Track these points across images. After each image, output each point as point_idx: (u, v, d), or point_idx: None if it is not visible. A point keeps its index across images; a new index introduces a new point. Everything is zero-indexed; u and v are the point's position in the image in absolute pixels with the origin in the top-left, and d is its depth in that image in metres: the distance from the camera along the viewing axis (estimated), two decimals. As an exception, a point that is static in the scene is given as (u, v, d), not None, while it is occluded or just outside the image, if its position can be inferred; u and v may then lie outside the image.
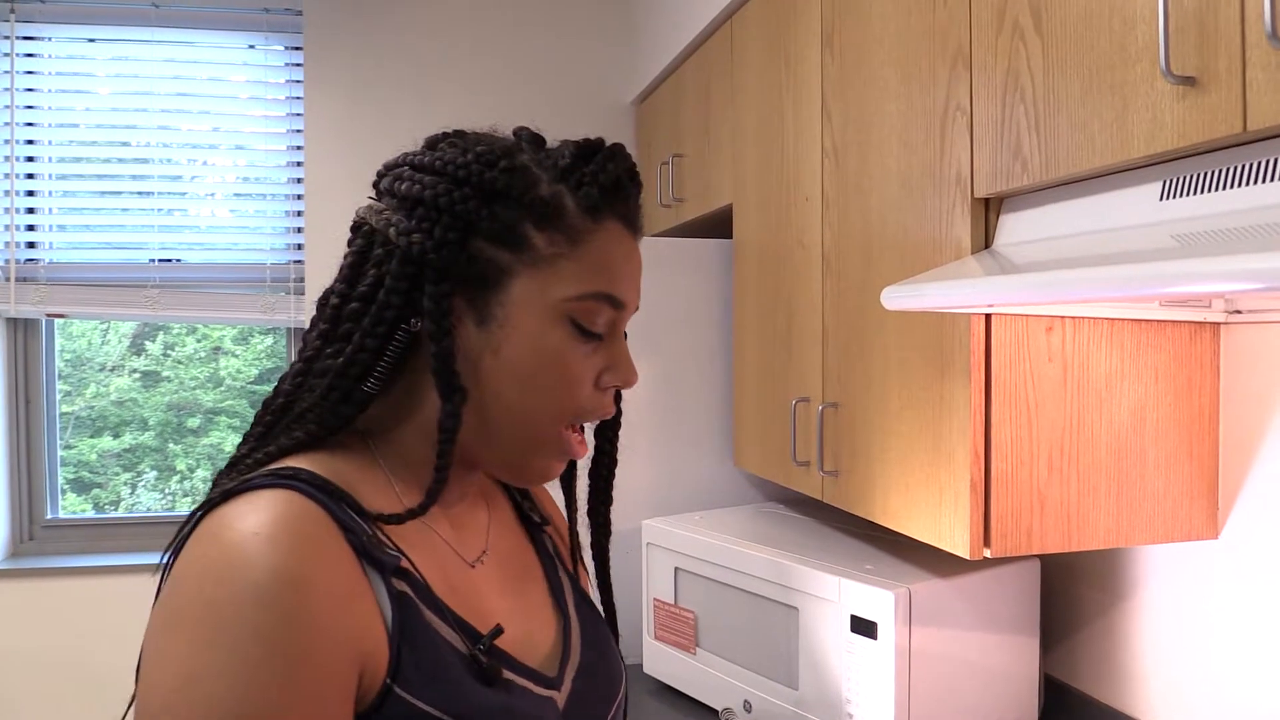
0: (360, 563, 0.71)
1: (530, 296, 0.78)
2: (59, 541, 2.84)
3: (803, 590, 1.60)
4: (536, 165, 0.80)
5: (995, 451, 1.27)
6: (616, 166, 0.81)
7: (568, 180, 0.80)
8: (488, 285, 0.78)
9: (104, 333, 3.05)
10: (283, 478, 0.72)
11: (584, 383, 0.81)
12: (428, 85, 2.92)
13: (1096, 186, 1.11)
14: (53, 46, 2.80)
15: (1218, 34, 0.88)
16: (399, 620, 0.72)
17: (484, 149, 0.79)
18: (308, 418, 0.78)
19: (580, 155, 0.81)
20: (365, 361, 0.77)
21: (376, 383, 0.78)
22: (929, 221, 1.38)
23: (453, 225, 0.77)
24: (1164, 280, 0.83)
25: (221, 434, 3.07)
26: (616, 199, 0.82)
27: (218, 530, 0.68)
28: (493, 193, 0.78)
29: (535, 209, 0.79)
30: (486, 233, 0.78)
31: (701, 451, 2.27)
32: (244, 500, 0.70)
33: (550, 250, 0.79)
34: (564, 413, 0.81)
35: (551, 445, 0.82)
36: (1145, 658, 1.51)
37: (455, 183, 0.78)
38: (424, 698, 0.71)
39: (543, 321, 0.79)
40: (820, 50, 1.72)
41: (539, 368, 0.79)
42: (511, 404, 0.79)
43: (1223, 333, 1.36)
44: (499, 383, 0.79)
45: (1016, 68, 1.18)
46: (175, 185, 2.87)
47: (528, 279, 0.78)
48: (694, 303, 2.26)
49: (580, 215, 0.80)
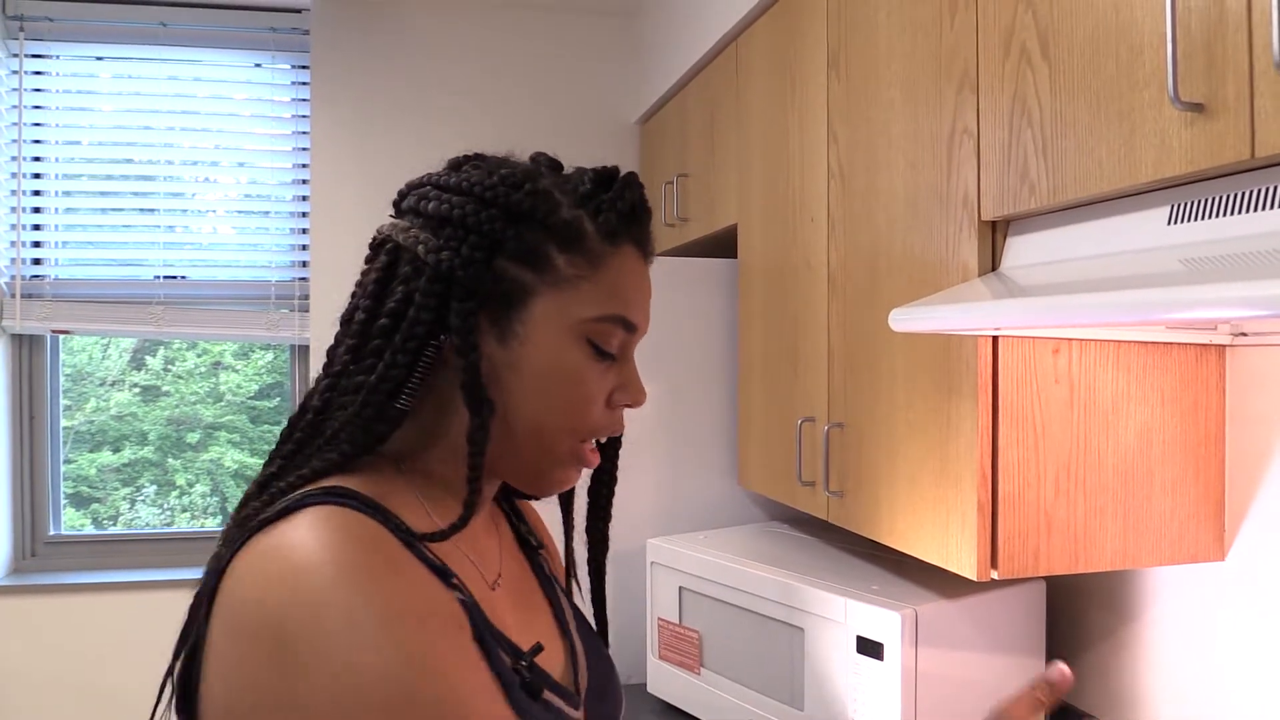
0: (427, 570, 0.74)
1: (551, 316, 0.80)
2: (61, 558, 2.83)
3: (808, 611, 1.59)
4: (558, 190, 0.83)
5: (1002, 473, 1.27)
6: (632, 194, 0.84)
7: (587, 205, 0.83)
8: (510, 304, 0.80)
9: (104, 347, 3.05)
10: (333, 495, 0.73)
11: (597, 401, 0.84)
12: (433, 105, 2.93)
13: (1104, 210, 1.12)
14: (60, 64, 2.82)
15: (1225, 61, 0.89)
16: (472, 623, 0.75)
17: (508, 172, 0.81)
18: (341, 437, 0.78)
19: (600, 182, 0.84)
20: (398, 378, 0.78)
21: (408, 399, 0.80)
22: (936, 243, 1.38)
23: (480, 244, 0.79)
24: (1171, 306, 0.83)
25: (221, 449, 3.07)
26: (633, 225, 0.84)
27: (284, 549, 0.68)
28: (518, 214, 0.80)
29: (558, 231, 0.81)
30: (511, 252, 0.80)
31: (706, 471, 2.27)
32: (302, 517, 0.70)
33: (571, 272, 0.81)
34: (579, 429, 0.84)
35: (566, 458, 0.85)
36: (1151, 679, 1.51)
37: (482, 203, 0.80)
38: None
39: (562, 341, 0.81)
40: (826, 71, 1.73)
41: (557, 385, 0.81)
42: (530, 419, 0.81)
43: (1228, 355, 1.37)
44: (519, 398, 0.81)
45: (1024, 92, 1.19)
46: (181, 202, 2.88)
47: (549, 299, 0.81)
48: (698, 322, 2.26)
49: (599, 240, 0.82)
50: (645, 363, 2.32)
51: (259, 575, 0.68)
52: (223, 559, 0.71)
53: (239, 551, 0.70)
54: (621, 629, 2.20)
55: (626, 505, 2.28)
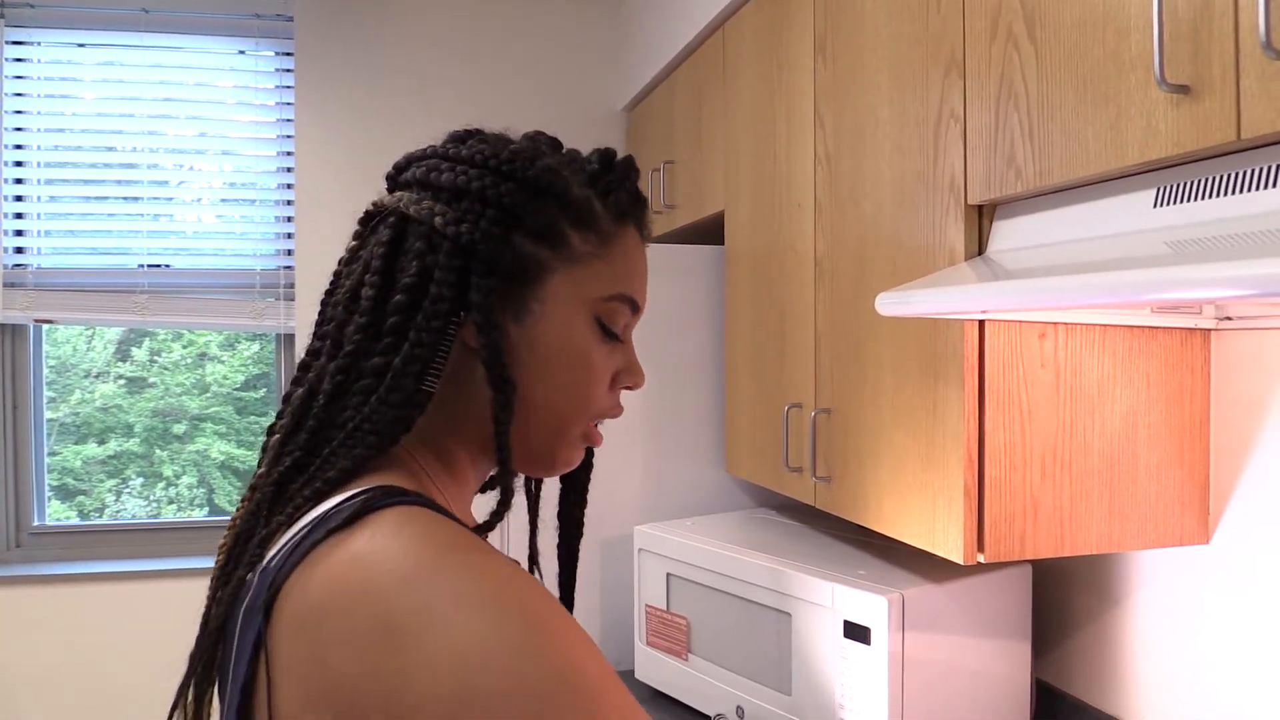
0: None
1: (565, 294, 0.79)
2: (46, 549, 2.82)
3: (796, 596, 1.60)
4: (565, 168, 0.82)
5: (989, 457, 1.27)
6: (636, 176, 0.86)
7: (596, 185, 0.82)
8: (527, 280, 0.78)
9: (89, 339, 3.03)
10: (395, 495, 0.68)
11: (603, 382, 0.83)
12: (418, 92, 2.92)
13: (1090, 193, 1.12)
14: (42, 51, 2.79)
15: (1212, 43, 0.89)
16: None
17: (519, 147, 0.80)
18: (366, 427, 0.72)
19: (605, 162, 0.84)
20: (424, 357, 0.74)
21: (434, 381, 0.76)
22: (922, 228, 1.38)
23: (499, 218, 0.77)
24: (1157, 287, 0.83)
25: (208, 440, 3.06)
26: (637, 206, 0.85)
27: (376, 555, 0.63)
28: (537, 189, 0.78)
29: (573, 208, 0.80)
30: (529, 228, 0.78)
31: (693, 458, 2.27)
32: (385, 522, 0.65)
33: (585, 250, 0.80)
34: (586, 410, 0.83)
35: (573, 438, 0.84)
36: (1136, 662, 1.52)
37: (500, 176, 0.77)
38: None
39: (574, 319, 0.80)
40: (813, 57, 1.72)
41: (567, 364, 0.80)
42: (541, 399, 0.80)
43: (1213, 339, 1.37)
44: (532, 377, 0.79)
45: (1010, 75, 1.19)
46: (165, 191, 2.86)
47: (563, 276, 0.79)
48: (686, 309, 2.26)
49: (609, 219, 0.82)
50: (633, 350, 2.31)
51: (351, 584, 0.62)
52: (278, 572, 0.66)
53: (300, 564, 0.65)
54: (609, 616, 2.20)
55: (614, 493, 2.29)
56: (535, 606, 0.62)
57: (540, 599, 0.63)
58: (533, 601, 0.62)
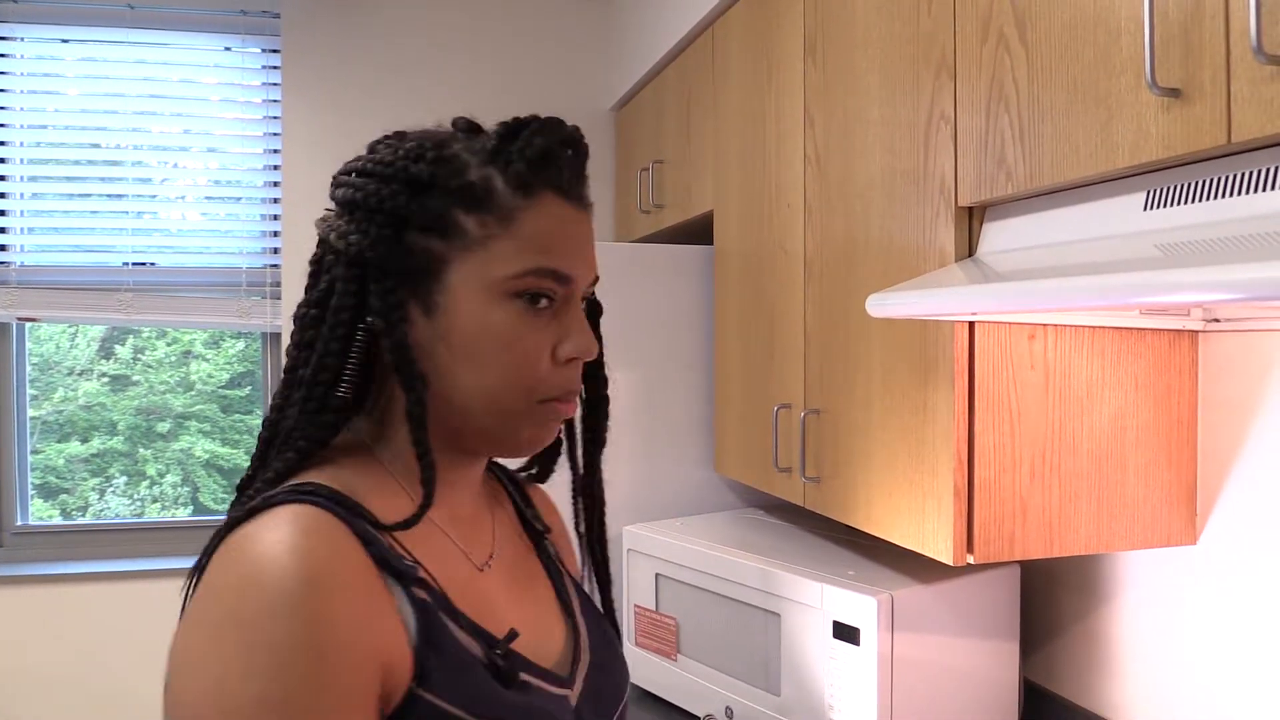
0: (381, 573, 0.74)
1: (468, 281, 0.79)
2: (28, 549, 2.79)
3: (785, 596, 1.60)
4: (466, 152, 0.81)
5: (978, 458, 1.27)
6: (545, 139, 0.81)
7: (496, 161, 0.81)
8: (429, 276, 0.79)
9: (72, 336, 3.01)
10: (302, 493, 0.74)
11: (539, 358, 0.81)
12: (405, 90, 2.91)
13: (1080, 196, 1.12)
14: (25, 47, 2.76)
15: (1203, 47, 0.89)
16: (422, 627, 0.74)
17: (413, 144, 0.81)
18: (295, 434, 0.79)
19: (506, 134, 0.81)
20: (332, 366, 0.79)
21: (348, 387, 0.80)
22: (912, 229, 1.39)
23: (386, 222, 0.79)
24: (1147, 290, 0.84)
25: (192, 439, 3.04)
26: (546, 170, 0.81)
27: (243, 545, 0.70)
28: (420, 185, 0.79)
29: (462, 194, 0.80)
30: (419, 225, 0.79)
31: (682, 457, 2.27)
32: (268, 516, 0.72)
33: (482, 233, 0.79)
34: (526, 390, 0.81)
35: (532, 418, 0.83)
36: (1124, 662, 1.53)
37: (384, 181, 0.80)
38: (449, 700, 0.73)
39: (485, 303, 0.79)
40: (803, 57, 1.72)
41: (489, 349, 0.80)
42: (472, 387, 0.80)
43: (1201, 341, 1.38)
44: (455, 369, 0.80)
45: (1001, 77, 1.19)
46: (150, 188, 2.84)
47: (463, 264, 0.79)
48: (674, 308, 2.26)
49: (510, 194, 0.80)
50: (620, 350, 2.32)
51: (217, 571, 0.70)
52: (201, 565, 0.74)
53: (215, 549, 0.73)
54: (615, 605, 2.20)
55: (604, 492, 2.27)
56: (261, 638, 0.66)
57: (278, 627, 0.66)
58: (263, 632, 0.66)
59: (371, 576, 0.73)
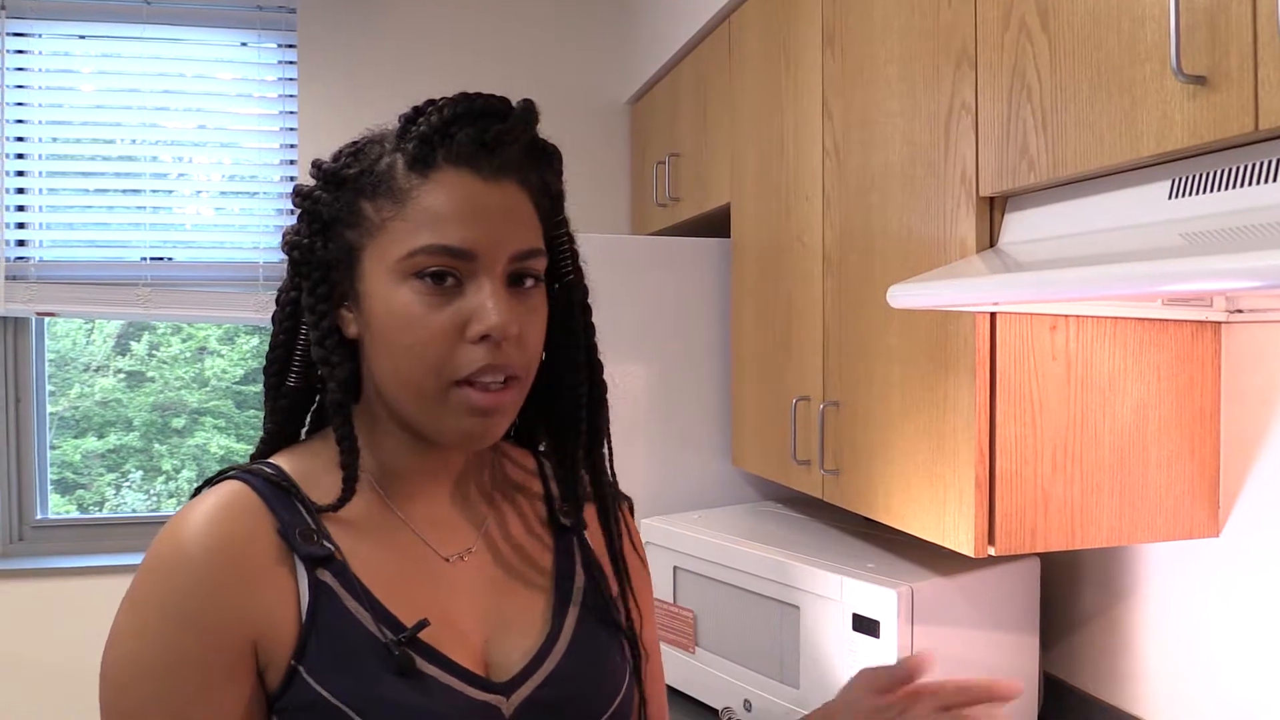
0: (287, 550, 0.79)
1: (374, 266, 0.81)
2: (48, 542, 2.81)
3: (804, 589, 1.60)
4: (384, 142, 0.83)
5: (1000, 449, 1.27)
6: (442, 115, 0.79)
7: (400, 145, 0.82)
8: (349, 267, 0.83)
9: (88, 332, 3.02)
10: (247, 471, 0.83)
11: (445, 337, 0.78)
12: (421, 83, 2.90)
13: (1104, 185, 1.12)
14: (43, 43, 2.77)
15: (1229, 33, 0.88)
16: (313, 607, 0.78)
17: (346, 145, 0.86)
18: (264, 422, 0.90)
19: (410, 117, 0.82)
20: (278, 358, 0.87)
21: (298, 376, 0.87)
22: (933, 220, 1.38)
23: (313, 220, 0.84)
24: (1170, 278, 0.83)
25: (207, 434, 3.05)
26: (441, 146, 0.79)
27: (172, 517, 0.80)
28: (337, 181, 0.83)
29: (365, 183, 0.82)
30: (341, 220, 0.83)
31: (700, 451, 2.26)
32: (204, 493, 0.82)
33: (380, 217, 0.81)
34: (437, 371, 0.79)
35: (449, 405, 0.80)
36: (1145, 656, 1.52)
37: (320, 184, 0.85)
38: (325, 683, 0.77)
39: (387, 286, 0.80)
40: (821, 48, 1.72)
41: (395, 331, 0.80)
42: (390, 373, 0.82)
43: (1224, 332, 1.37)
44: (377, 356, 0.83)
45: (1023, 66, 1.18)
46: (167, 183, 2.85)
47: (370, 250, 0.82)
48: (691, 302, 2.25)
49: (407, 174, 0.80)
50: (637, 343, 2.31)
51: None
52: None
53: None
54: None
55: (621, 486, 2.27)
56: (139, 600, 0.78)
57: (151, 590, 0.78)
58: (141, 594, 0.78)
59: (268, 552, 0.79)
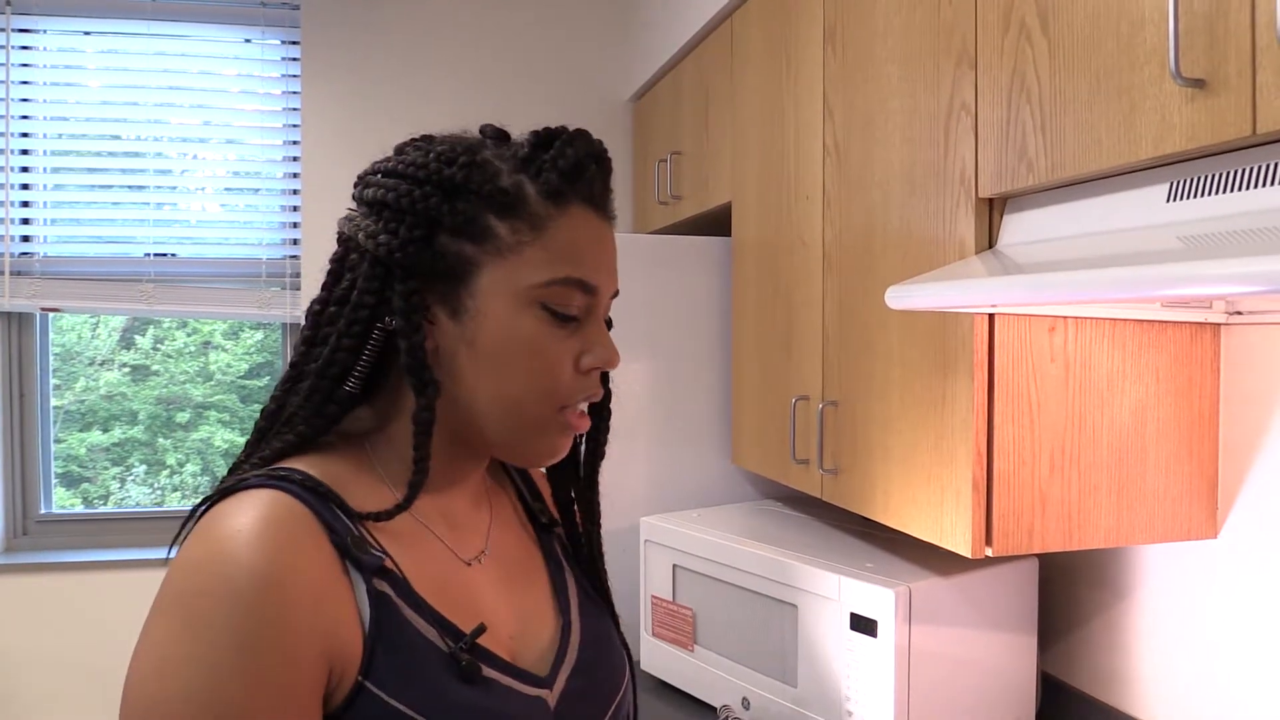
0: (342, 562, 0.74)
1: (498, 286, 0.80)
2: (53, 536, 2.83)
3: (802, 588, 1.60)
4: (498, 158, 0.82)
5: (997, 451, 1.27)
6: (576, 150, 0.82)
7: (528, 169, 0.81)
8: (458, 279, 0.80)
9: (93, 327, 3.03)
10: (276, 478, 0.76)
11: (562, 367, 0.82)
12: (425, 80, 2.91)
13: (1102, 187, 1.12)
14: (48, 39, 2.78)
15: (1228, 37, 0.88)
16: (375, 619, 0.74)
17: (445, 148, 0.81)
18: (295, 420, 0.81)
19: (538, 143, 0.82)
20: (343, 361, 0.81)
21: (357, 383, 0.81)
22: (932, 220, 1.38)
23: (416, 224, 0.79)
24: (1168, 282, 0.83)
25: (211, 429, 3.06)
26: (578, 182, 0.82)
27: (209, 527, 0.72)
28: (453, 188, 0.80)
29: (496, 200, 0.80)
30: (450, 228, 0.80)
31: (699, 449, 2.27)
32: (236, 499, 0.74)
33: (514, 239, 0.80)
34: (547, 397, 0.82)
35: (546, 426, 0.83)
36: (1143, 656, 1.52)
37: (416, 183, 0.80)
38: (397, 695, 0.73)
39: (513, 309, 0.80)
40: (822, 47, 1.72)
41: (514, 355, 0.80)
42: (493, 393, 0.81)
43: (1223, 333, 1.37)
44: (478, 373, 0.81)
45: (1023, 68, 1.18)
46: (171, 179, 2.86)
47: (494, 269, 0.80)
48: (692, 300, 2.26)
49: (542, 202, 0.81)
50: (637, 341, 2.32)
51: (183, 551, 0.72)
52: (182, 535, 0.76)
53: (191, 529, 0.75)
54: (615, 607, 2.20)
55: (621, 484, 2.29)
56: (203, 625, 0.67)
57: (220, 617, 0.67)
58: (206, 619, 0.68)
59: (328, 565, 0.73)
